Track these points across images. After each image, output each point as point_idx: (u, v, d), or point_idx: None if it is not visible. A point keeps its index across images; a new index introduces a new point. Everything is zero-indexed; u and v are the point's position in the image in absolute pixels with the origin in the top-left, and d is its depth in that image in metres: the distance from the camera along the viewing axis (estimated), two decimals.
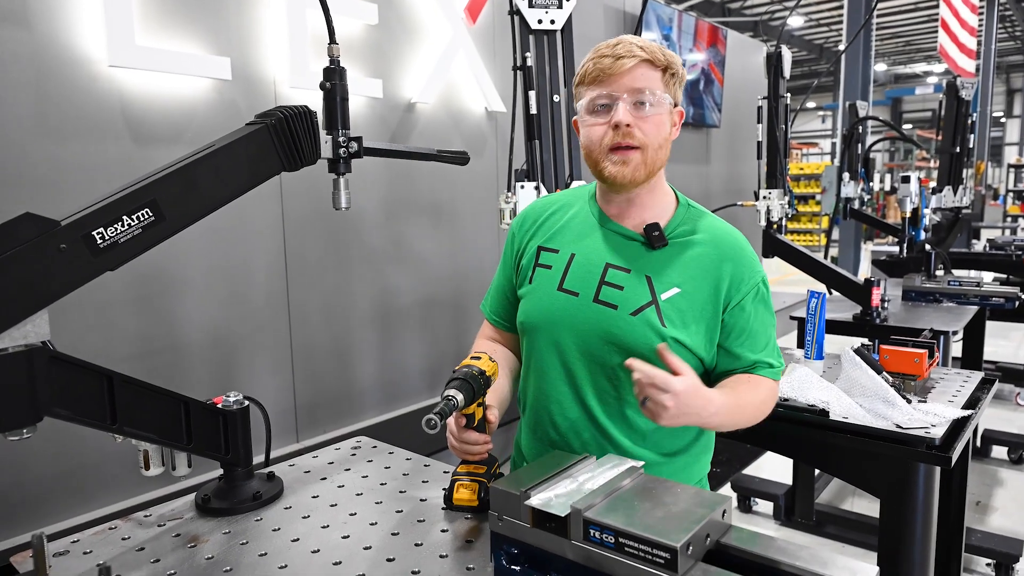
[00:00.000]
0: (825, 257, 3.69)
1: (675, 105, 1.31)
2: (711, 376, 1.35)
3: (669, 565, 0.88)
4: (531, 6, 2.50)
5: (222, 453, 1.27)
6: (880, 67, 23.74)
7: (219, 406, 1.28)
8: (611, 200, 1.35)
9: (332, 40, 1.40)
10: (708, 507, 0.97)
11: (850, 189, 4.71)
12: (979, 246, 8.90)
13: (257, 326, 2.95)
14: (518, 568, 1.02)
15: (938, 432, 1.67)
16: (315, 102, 2.81)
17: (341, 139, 1.37)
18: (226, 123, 2.74)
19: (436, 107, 3.65)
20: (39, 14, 2.23)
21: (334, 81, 1.38)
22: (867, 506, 3.46)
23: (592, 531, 0.93)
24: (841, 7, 9.30)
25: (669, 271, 1.29)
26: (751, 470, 3.84)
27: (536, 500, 0.99)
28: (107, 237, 1.05)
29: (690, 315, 1.27)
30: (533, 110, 2.52)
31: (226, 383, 2.81)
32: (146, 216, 1.09)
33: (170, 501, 1.31)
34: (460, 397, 1.13)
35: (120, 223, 1.06)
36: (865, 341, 2.05)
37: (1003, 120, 28.34)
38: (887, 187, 14.75)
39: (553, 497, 1.00)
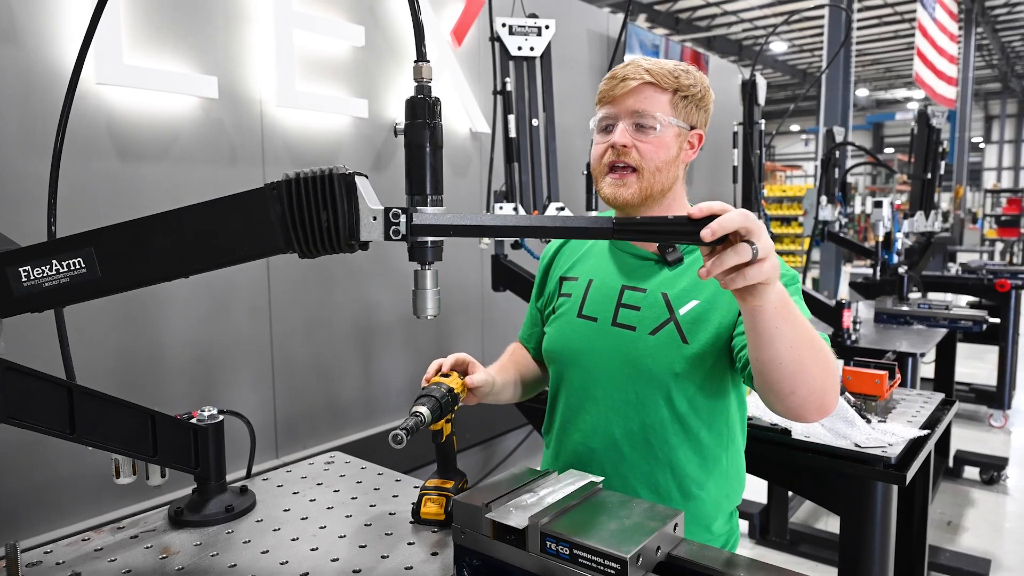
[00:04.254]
0: (804, 278, 3.77)
1: (692, 128, 1.29)
2: (736, 363, 1.23)
3: (619, 575, 0.92)
4: (511, 33, 2.58)
5: (192, 467, 1.30)
6: (861, 92, 24.14)
7: (192, 420, 1.31)
8: None
9: (420, 55, 0.96)
10: (660, 520, 1.01)
11: (828, 212, 4.81)
12: (955, 269, 9.04)
13: (239, 341, 2.97)
14: None
15: (895, 451, 1.73)
16: (302, 122, 2.83)
17: (393, 214, 0.93)
18: (212, 141, 2.79)
19: None
20: (27, 30, 2.27)
21: (419, 119, 0.94)
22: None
23: (548, 543, 0.98)
24: (822, 34, 9.50)
25: (686, 286, 1.27)
26: None
27: (496, 513, 1.03)
28: (32, 278, 0.97)
29: (712, 323, 1.24)
30: (512, 133, 2.59)
31: (206, 398, 2.83)
32: (77, 266, 0.97)
33: (143, 514, 1.34)
34: (427, 414, 1.17)
35: (48, 266, 0.97)
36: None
37: (982, 146, 28.87)
38: (868, 210, 14.99)
39: (513, 510, 1.04)
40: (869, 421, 1.86)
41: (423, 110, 0.94)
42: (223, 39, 2.83)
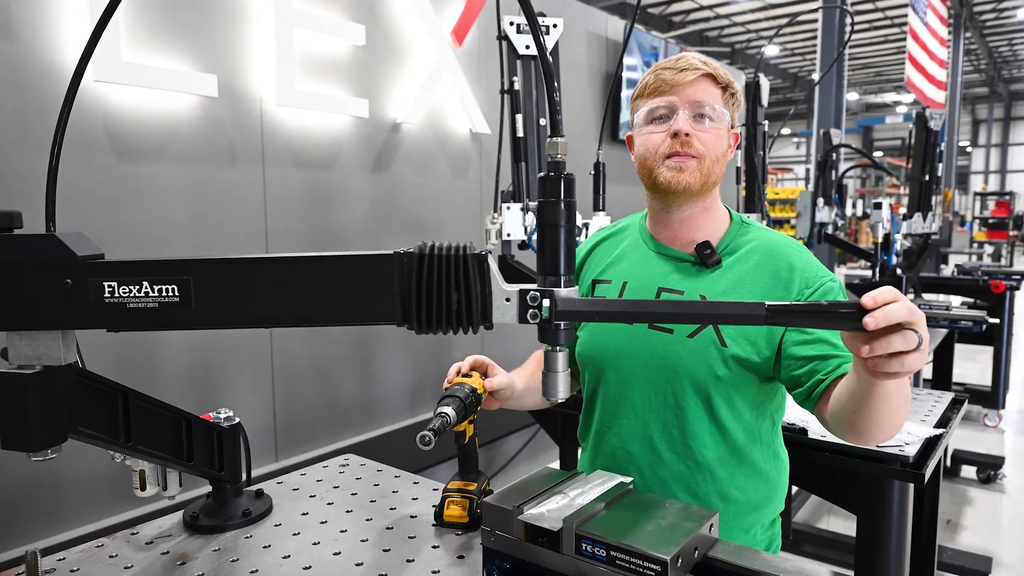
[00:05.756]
0: None
1: (732, 126, 1.30)
2: (789, 374, 1.22)
3: None
4: (519, 32, 2.56)
5: (217, 470, 1.27)
6: (852, 96, 24.34)
7: (211, 423, 1.28)
8: (663, 222, 1.33)
9: (556, 130, 0.89)
10: (696, 521, 0.99)
11: (824, 214, 4.82)
12: (947, 271, 9.11)
13: (237, 344, 2.94)
14: None
15: (912, 450, 1.72)
16: (302, 121, 2.78)
17: (531, 297, 0.87)
18: (212, 140, 2.75)
19: (422, 128, 3.69)
20: (23, 26, 2.23)
21: (553, 197, 0.87)
22: (842, 525, 3.51)
23: (584, 545, 0.95)
24: (814, 38, 9.55)
25: (724, 287, 1.25)
26: None
27: (529, 515, 1.01)
28: (116, 295, 0.90)
29: (750, 328, 1.22)
30: (520, 133, 2.57)
31: (204, 402, 2.79)
32: (169, 293, 0.90)
33: (156, 519, 1.30)
34: (453, 414, 1.15)
35: (138, 287, 0.90)
36: None
37: (969, 149, 29.18)
38: (859, 213, 15.08)
39: (545, 512, 1.02)
40: None
41: (558, 188, 0.88)
42: (223, 37, 2.80)
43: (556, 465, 3.32)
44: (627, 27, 2.34)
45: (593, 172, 2.56)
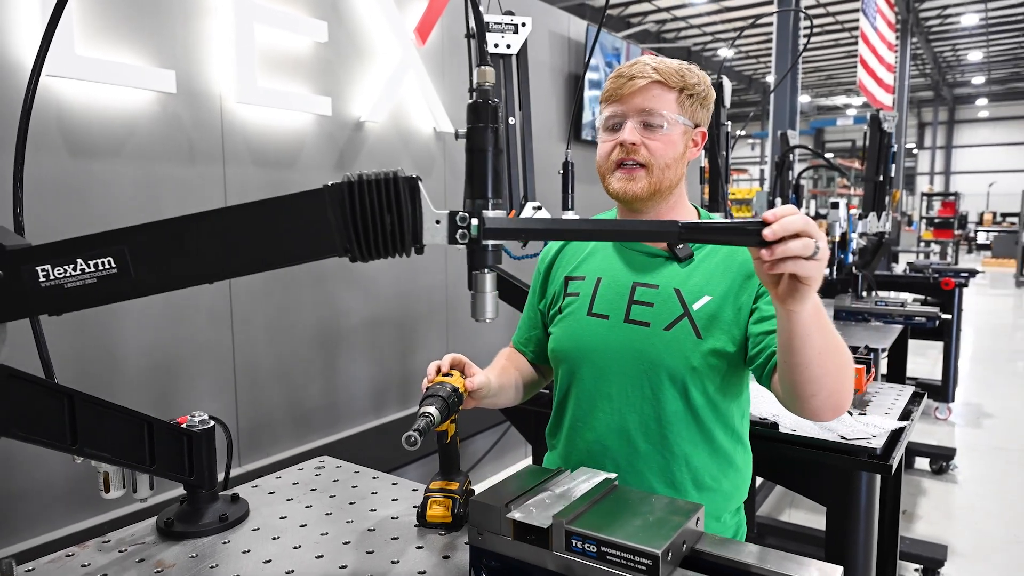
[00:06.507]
0: None
1: (696, 126, 1.31)
2: (749, 355, 1.26)
3: (651, 571, 0.90)
4: (487, 30, 2.55)
5: (186, 475, 1.23)
6: (804, 99, 24.94)
7: (183, 426, 1.24)
8: None
9: (483, 59, 0.94)
10: (683, 515, 1.00)
11: None
12: (898, 269, 9.40)
13: (199, 346, 2.87)
14: None
15: (879, 442, 1.77)
16: (263, 119, 2.72)
17: (459, 218, 0.92)
18: (170, 137, 2.68)
19: (385, 126, 3.65)
20: None
21: (481, 123, 0.93)
22: (803, 517, 3.59)
23: (574, 541, 0.95)
24: (768, 41, 9.76)
25: (698, 281, 1.28)
26: None
27: (517, 513, 1.00)
28: (52, 277, 0.89)
29: (724, 319, 1.26)
30: None
31: (165, 405, 2.72)
32: (106, 266, 0.89)
33: (129, 526, 1.26)
34: (437, 414, 1.14)
35: (72, 266, 0.89)
36: None
37: (915, 151, 30.17)
38: (812, 213, 15.44)
39: (533, 510, 1.01)
40: (851, 414, 1.89)
41: (485, 114, 0.92)
42: (181, 32, 2.73)
43: (529, 463, 3.33)
44: (589, 29, 2.34)
45: (562, 171, 2.57)
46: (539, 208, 2.63)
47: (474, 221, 0.91)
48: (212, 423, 1.27)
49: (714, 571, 0.97)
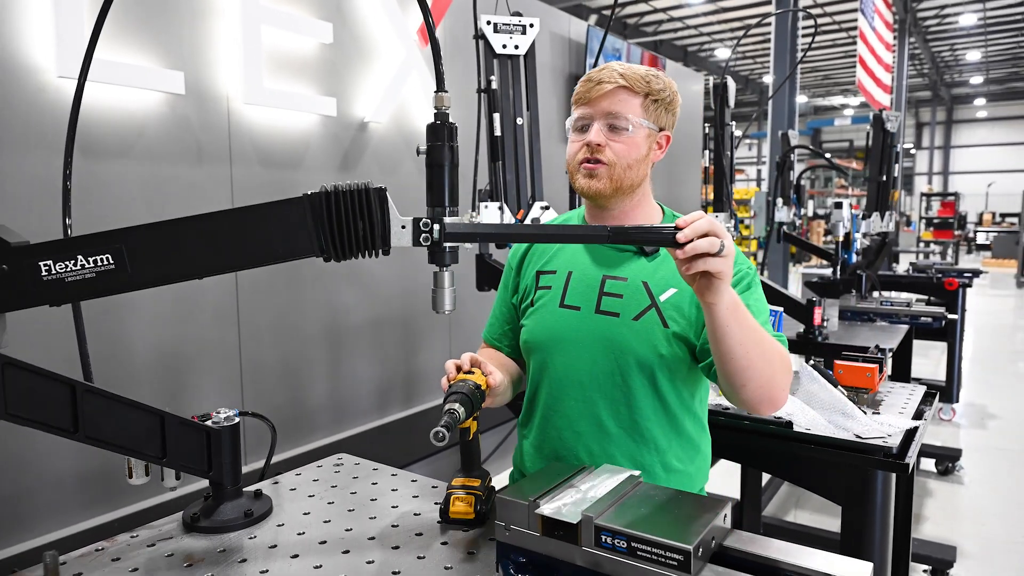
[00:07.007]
0: None
1: (660, 129, 1.37)
2: (699, 351, 1.33)
3: (683, 567, 0.91)
4: (496, 31, 2.55)
5: (206, 470, 1.23)
6: (801, 99, 24.99)
7: (205, 423, 1.25)
8: (599, 217, 1.42)
9: (440, 86, 1.08)
10: (712, 511, 1.01)
11: (783, 214, 4.92)
12: (900, 269, 9.41)
13: (205, 344, 2.87)
14: None
15: (894, 441, 1.77)
16: (269, 120, 2.74)
17: (422, 223, 1.05)
18: (178, 138, 2.68)
19: (388, 127, 3.66)
20: None
21: (440, 141, 1.05)
22: (809, 517, 3.59)
23: (604, 537, 0.96)
24: (766, 42, 9.77)
25: (664, 274, 1.35)
26: None
27: (547, 509, 1.01)
28: (54, 272, 0.99)
29: (687, 310, 1.33)
30: (497, 132, 2.57)
31: (172, 402, 2.72)
32: (105, 262, 0.99)
33: (154, 522, 1.27)
34: (462, 410, 1.15)
35: (73, 261, 0.99)
36: (816, 358, 2.16)
37: (913, 152, 30.19)
38: (810, 213, 15.48)
39: (562, 506, 1.02)
40: (865, 413, 1.89)
41: (443, 133, 1.06)
42: (189, 33, 2.74)
43: None
44: (590, 30, 2.33)
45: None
46: (547, 208, 2.64)
47: (435, 227, 1.05)
48: (237, 420, 1.27)
49: (742, 567, 0.98)
